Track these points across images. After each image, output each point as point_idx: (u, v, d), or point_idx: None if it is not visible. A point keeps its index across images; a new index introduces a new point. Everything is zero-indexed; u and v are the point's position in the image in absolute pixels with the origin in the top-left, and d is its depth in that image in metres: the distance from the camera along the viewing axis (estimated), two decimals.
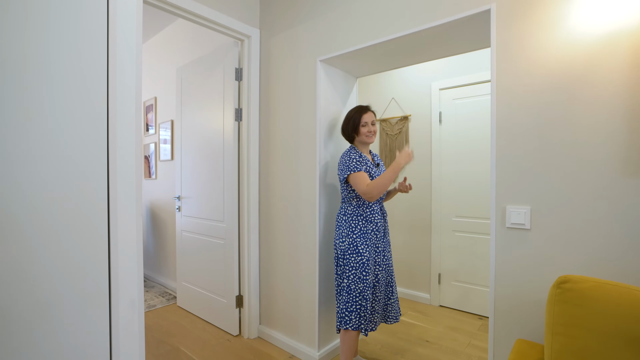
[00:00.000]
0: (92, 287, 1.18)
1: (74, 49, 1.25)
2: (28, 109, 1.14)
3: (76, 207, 1.18)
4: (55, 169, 1.17)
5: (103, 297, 1.19)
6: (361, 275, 1.69)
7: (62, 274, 1.14)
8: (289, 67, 2.19)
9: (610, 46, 1.16)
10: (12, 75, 1.12)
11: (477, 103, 2.69)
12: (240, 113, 2.36)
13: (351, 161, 1.74)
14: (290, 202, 2.18)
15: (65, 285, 1.13)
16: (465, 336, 2.36)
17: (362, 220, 1.76)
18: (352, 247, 1.72)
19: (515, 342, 1.23)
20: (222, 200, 2.42)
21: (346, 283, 1.71)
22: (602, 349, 0.89)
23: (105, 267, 1.20)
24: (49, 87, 1.19)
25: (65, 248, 1.15)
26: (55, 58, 1.21)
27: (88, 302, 1.17)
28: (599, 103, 1.18)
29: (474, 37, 1.63)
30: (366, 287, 1.69)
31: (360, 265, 1.69)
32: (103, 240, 1.20)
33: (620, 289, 0.92)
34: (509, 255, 1.36)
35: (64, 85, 1.22)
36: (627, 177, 1.13)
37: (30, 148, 1.13)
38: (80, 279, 1.17)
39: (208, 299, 2.56)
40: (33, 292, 1.07)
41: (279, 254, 2.27)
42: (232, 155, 2.33)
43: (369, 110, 1.84)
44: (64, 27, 1.23)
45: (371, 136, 1.81)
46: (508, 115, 1.36)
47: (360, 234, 1.74)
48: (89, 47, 1.29)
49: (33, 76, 1.16)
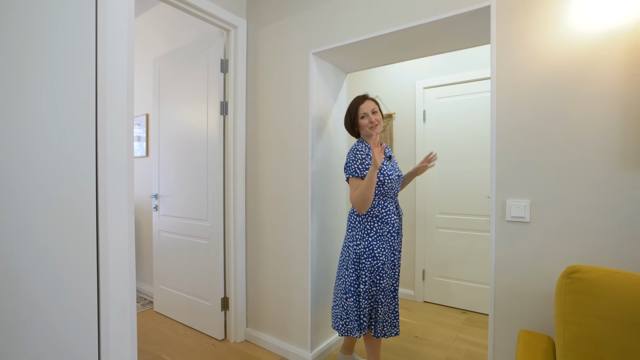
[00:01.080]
0: (78, 290, 1.05)
1: (60, 38, 1.11)
2: (13, 102, 1.00)
3: (61, 200, 1.05)
4: (40, 164, 1.03)
5: (90, 301, 1.06)
6: (375, 280, 1.61)
7: (45, 274, 1.00)
8: (279, 60, 2.12)
9: (608, 45, 1.20)
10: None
11: (460, 102, 2.76)
12: (226, 106, 2.25)
13: (355, 162, 1.61)
14: (281, 200, 2.11)
15: (48, 288, 1.00)
16: (451, 330, 2.40)
17: (377, 221, 1.63)
18: (369, 250, 1.61)
19: (520, 333, 1.25)
20: (205, 198, 2.29)
21: (363, 289, 1.61)
22: (615, 336, 0.91)
23: (93, 268, 1.07)
24: (34, 77, 1.05)
25: (47, 246, 1.01)
26: (38, 45, 1.07)
27: (74, 308, 1.04)
28: (596, 100, 1.22)
29: (472, 34, 1.64)
30: (379, 291, 1.61)
31: (376, 269, 1.60)
32: (90, 238, 1.07)
33: (630, 277, 0.95)
34: (509, 248, 1.38)
35: (51, 75, 1.08)
36: (622, 170, 1.18)
37: (17, 144, 0.99)
38: (65, 281, 1.03)
39: (190, 303, 2.43)
40: (12, 294, 0.93)
41: (267, 253, 2.18)
42: (217, 150, 2.22)
43: (367, 99, 1.69)
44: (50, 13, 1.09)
45: (374, 127, 1.66)
46: (508, 111, 1.38)
47: (377, 236, 1.62)
48: (76, 35, 1.15)
49: (18, 68, 1.02)
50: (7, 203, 0.97)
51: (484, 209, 2.66)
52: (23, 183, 1.00)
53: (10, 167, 0.99)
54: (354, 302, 1.62)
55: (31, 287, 0.97)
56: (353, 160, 1.63)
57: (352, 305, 1.62)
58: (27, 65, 1.06)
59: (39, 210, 1.01)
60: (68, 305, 1.03)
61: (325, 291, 2.10)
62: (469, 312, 2.72)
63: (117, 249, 1.12)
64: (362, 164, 1.61)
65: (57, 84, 1.11)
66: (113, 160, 1.11)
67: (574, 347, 0.96)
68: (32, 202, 1.00)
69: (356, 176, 1.60)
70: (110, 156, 1.10)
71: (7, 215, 0.96)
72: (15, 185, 0.99)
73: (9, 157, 0.99)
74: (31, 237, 0.99)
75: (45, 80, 1.09)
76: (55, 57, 1.11)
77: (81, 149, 1.09)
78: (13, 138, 1.01)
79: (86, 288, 1.06)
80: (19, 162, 1.01)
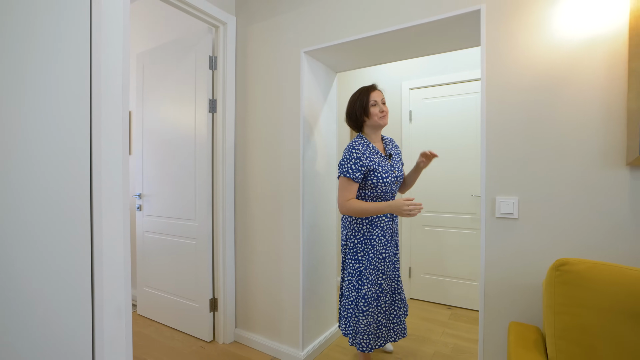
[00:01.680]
0: (72, 290, 1.00)
1: (55, 31, 1.06)
2: (5, 98, 0.94)
3: (55, 199, 1.00)
4: (33, 162, 0.98)
5: (85, 303, 1.01)
6: (356, 284, 1.59)
7: (37, 275, 0.95)
8: (269, 58, 2.10)
9: (589, 51, 1.27)
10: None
11: (445, 103, 2.83)
12: (215, 104, 2.21)
13: (350, 160, 1.54)
14: (271, 199, 2.09)
15: (41, 289, 0.94)
16: (438, 326, 2.46)
17: (366, 224, 1.61)
18: (352, 252, 1.62)
19: (510, 324, 1.30)
20: (193, 197, 2.25)
21: (345, 285, 1.66)
22: (602, 323, 0.96)
23: (87, 269, 1.03)
24: (28, 71, 0.99)
25: (40, 246, 0.96)
26: (31, 39, 1.01)
27: (67, 310, 0.99)
28: (579, 102, 1.29)
29: (462, 36, 1.69)
30: (359, 297, 1.58)
31: (357, 273, 1.59)
32: (85, 238, 1.03)
33: (613, 268, 1.01)
34: (499, 244, 1.43)
35: (45, 70, 1.03)
36: (604, 169, 1.25)
37: (7, 141, 0.93)
38: (59, 282, 0.98)
39: (176, 305, 2.37)
40: (5, 294, 0.88)
41: (257, 252, 2.16)
42: (205, 148, 2.18)
43: (377, 89, 1.65)
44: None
45: (384, 117, 1.62)
46: (498, 111, 1.43)
47: (363, 239, 1.60)
48: (71, 28, 1.10)
49: (10, 63, 0.96)
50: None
51: (469, 207, 2.74)
52: (16, 181, 0.95)
53: (2, 165, 0.94)
54: (341, 299, 1.68)
55: (24, 288, 0.92)
56: (347, 158, 1.56)
57: (342, 302, 1.68)
58: (21, 61, 1.00)
59: (31, 209, 0.96)
60: (62, 306, 0.98)
61: (316, 290, 2.11)
62: (454, 308, 2.79)
63: (112, 249, 1.08)
64: (356, 164, 1.54)
65: (51, 79, 1.06)
66: (108, 157, 1.06)
67: (564, 335, 1.01)
68: (25, 201, 0.95)
69: (347, 177, 1.54)
70: (105, 153, 1.06)
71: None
72: (7, 183, 0.94)
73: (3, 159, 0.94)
74: (24, 237, 0.94)
75: (38, 75, 1.04)
76: (49, 51, 1.06)
77: (75, 146, 1.05)
78: (9, 143, 0.96)
79: (80, 289, 1.02)
80: (10, 159, 0.96)
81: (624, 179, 1.22)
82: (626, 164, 1.22)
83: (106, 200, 1.06)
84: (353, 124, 1.71)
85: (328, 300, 2.24)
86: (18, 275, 0.94)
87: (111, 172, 1.07)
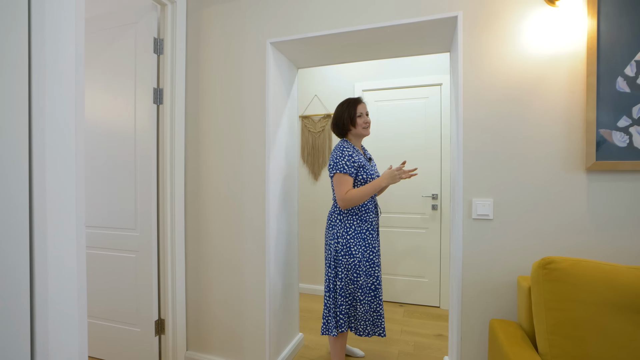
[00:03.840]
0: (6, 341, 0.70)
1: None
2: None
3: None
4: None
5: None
6: (352, 277, 1.65)
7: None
8: (229, 46, 1.89)
9: (553, 65, 1.39)
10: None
11: (398, 107, 2.92)
12: (161, 94, 1.90)
13: (342, 158, 1.65)
14: (231, 204, 1.88)
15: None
16: (395, 324, 2.52)
17: (357, 219, 1.70)
18: (346, 248, 1.66)
19: (493, 322, 1.35)
20: (133, 203, 1.90)
21: (339, 285, 1.66)
22: (589, 317, 1.04)
23: (25, 312, 0.73)
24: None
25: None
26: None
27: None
28: (545, 111, 1.41)
29: (434, 42, 1.73)
30: (357, 288, 1.65)
31: (352, 267, 1.64)
32: (21, 271, 0.73)
33: (591, 264, 1.10)
34: (476, 244, 1.49)
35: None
36: (567, 173, 1.38)
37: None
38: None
39: (110, 332, 1.98)
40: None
41: (214, 263, 1.93)
42: (149, 145, 1.86)
43: (362, 102, 1.80)
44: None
45: (367, 128, 1.77)
46: (474, 116, 1.49)
47: (355, 234, 1.67)
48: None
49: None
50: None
51: (419, 207, 2.87)
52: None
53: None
54: (332, 299, 1.68)
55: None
56: (340, 157, 1.66)
57: (331, 302, 1.68)
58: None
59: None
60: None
61: (283, 299, 1.96)
62: (405, 305, 2.90)
63: (60, 284, 0.79)
64: (349, 160, 1.65)
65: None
66: (54, 157, 0.77)
67: (556, 330, 1.07)
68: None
69: (343, 172, 1.64)
70: (49, 152, 0.77)
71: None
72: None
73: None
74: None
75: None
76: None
77: (7, 141, 0.74)
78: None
79: (17, 336, 0.71)
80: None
81: (582, 182, 1.36)
82: (585, 169, 1.36)
83: (52, 218, 0.77)
84: (339, 131, 1.81)
85: (293, 309, 2.11)
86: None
87: (59, 179, 0.79)
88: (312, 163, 3.20)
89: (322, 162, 3.16)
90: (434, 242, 2.82)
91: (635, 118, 1.31)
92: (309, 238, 3.21)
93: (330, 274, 1.69)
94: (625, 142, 1.32)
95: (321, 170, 3.16)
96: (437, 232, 2.81)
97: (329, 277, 1.70)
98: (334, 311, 1.67)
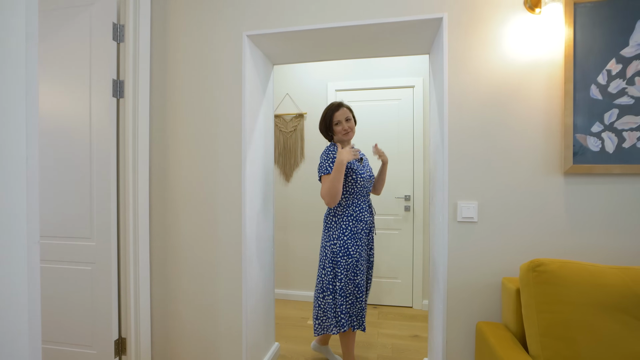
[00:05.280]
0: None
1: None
2: None
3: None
4: None
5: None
6: (352, 277, 1.69)
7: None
8: (200, 37, 1.74)
9: (533, 71, 1.43)
10: None
11: (371, 108, 2.91)
12: (122, 87, 1.70)
13: (327, 160, 1.69)
14: (203, 208, 1.73)
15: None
16: (371, 327, 2.49)
17: (352, 220, 1.72)
18: (343, 249, 1.68)
19: (480, 325, 1.35)
20: (88, 208, 1.68)
21: (339, 285, 1.68)
22: (581, 317, 1.06)
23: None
24: None
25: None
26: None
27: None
28: (526, 116, 1.44)
29: (416, 43, 1.71)
30: (356, 287, 1.70)
31: (351, 267, 1.68)
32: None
33: (577, 265, 1.13)
34: (461, 247, 1.49)
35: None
36: (546, 176, 1.42)
37: None
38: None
39: (61, 356, 1.74)
40: None
41: (183, 273, 1.76)
42: (107, 144, 1.66)
43: (341, 107, 1.77)
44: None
45: (347, 133, 1.76)
46: (459, 118, 1.49)
47: (351, 234, 1.70)
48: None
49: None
50: None
51: (392, 209, 2.87)
52: None
53: None
54: (331, 299, 1.69)
55: None
56: (325, 159, 1.70)
57: (330, 302, 1.69)
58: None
59: None
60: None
61: (260, 308, 1.84)
62: (379, 306, 2.89)
63: (8, 314, 0.63)
64: (334, 162, 1.67)
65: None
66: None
67: (548, 332, 1.08)
68: None
69: (327, 173, 1.67)
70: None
71: None
72: None
73: None
74: None
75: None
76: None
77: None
78: None
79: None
80: None
81: (561, 185, 1.41)
82: (563, 173, 1.41)
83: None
84: (325, 136, 1.85)
85: (269, 318, 2.00)
86: None
87: (5, 185, 0.62)
88: (283, 164, 3.09)
89: (294, 163, 3.06)
90: (407, 243, 2.85)
91: (606, 124, 1.37)
92: (281, 241, 3.10)
93: (328, 275, 1.70)
94: (599, 147, 1.38)
95: (293, 172, 3.06)
96: (409, 232, 2.84)
97: (326, 278, 1.71)
98: (334, 311, 1.69)
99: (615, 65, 1.37)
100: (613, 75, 1.37)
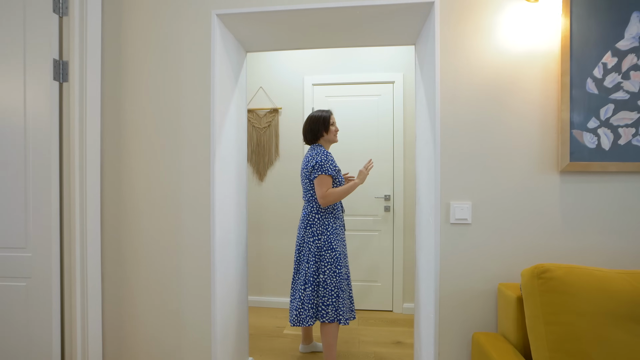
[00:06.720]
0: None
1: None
2: None
3: None
4: None
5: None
6: (336, 270, 1.79)
7: None
8: (163, 13, 1.51)
9: (528, 63, 1.34)
10: None
11: (349, 104, 2.77)
12: (65, 68, 1.44)
13: (327, 161, 1.79)
14: (164, 210, 1.51)
15: None
16: (350, 334, 2.36)
17: (332, 217, 1.85)
18: (327, 244, 1.80)
19: (477, 336, 1.24)
20: (23, 214, 1.41)
21: (322, 278, 1.78)
22: (592, 328, 0.96)
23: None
24: None
25: None
26: None
27: None
28: (521, 110, 1.35)
29: (401, 31, 1.58)
30: (341, 279, 1.80)
31: (335, 260, 1.79)
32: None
33: (583, 271, 1.04)
34: (454, 251, 1.37)
35: None
36: (542, 174, 1.34)
37: None
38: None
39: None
40: None
41: (141, 287, 1.53)
42: (46, 136, 1.39)
43: (332, 113, 1.96)
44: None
45: (336, 135, 1.96)
46: (452, 114, 1.38)
47: (333, 230, 1.82)
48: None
49: None
50: None
51: (372, 209, 2.75)
52: None
53: None
54: (312, 291, 1.78)
55: None
56: (326, 160, 1.79)
57: (310, 294, 1.77)
58: None
59: None
60: None
61: (234, 322, 1.64)
62: (359, 311, 2.76)
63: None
64: (332, 163, 1.81)
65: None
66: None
67: (558, 347, 0.98)
68: None
69: (329, 174, 1.78)
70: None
71: None
72: None
73: None
74: None
75: None
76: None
77: None
78: None
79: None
80: None
81: (556, 183, 1.34)
82: (559, 171, 1.33)
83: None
84: (311, 136, 1.92)
85: (242, 332, 1.80)
86: None
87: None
88: (257, 162, 2.88)
89: (268, 161, 2.86)
90: (387, 245, 2.74)
91: (602, 119, 1.31)
92: (254, 245, 2.89)
93: (311, 269, 1.79)
94: (595, 144, 1.32)
95: (267, 170, 2.87)
96: (389, 234, 2.74)
97: (309, 271, 1.79)
98: (313, 302, 1.78)
99: (611, 59, 1.31)
100: (609, 68, 1.31)
